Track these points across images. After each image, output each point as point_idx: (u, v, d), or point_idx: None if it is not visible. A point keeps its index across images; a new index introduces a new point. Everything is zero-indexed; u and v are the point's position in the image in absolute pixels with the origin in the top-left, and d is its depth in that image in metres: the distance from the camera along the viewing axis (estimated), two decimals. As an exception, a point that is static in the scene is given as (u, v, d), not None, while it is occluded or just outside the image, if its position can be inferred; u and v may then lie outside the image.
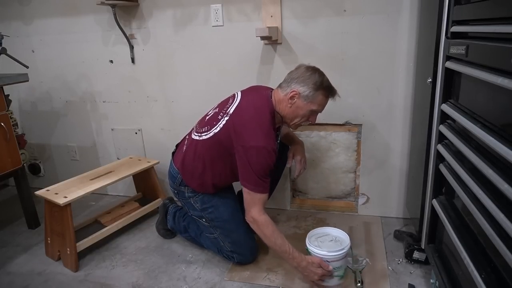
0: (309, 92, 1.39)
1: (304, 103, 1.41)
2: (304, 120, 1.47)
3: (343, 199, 2.01)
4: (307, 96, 1.39)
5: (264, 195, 1.41)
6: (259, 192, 1.39)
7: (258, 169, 1.36)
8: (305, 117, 1.45)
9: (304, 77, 1.40)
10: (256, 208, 1.40)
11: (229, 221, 1.56)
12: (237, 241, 1.56)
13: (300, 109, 1.42)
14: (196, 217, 1.62)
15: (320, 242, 1.49)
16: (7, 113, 1.84)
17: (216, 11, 1.85)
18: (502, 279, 0.81)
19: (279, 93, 1.46)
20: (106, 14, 2.03)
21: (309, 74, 1.40)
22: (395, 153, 1.83)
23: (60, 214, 1.62)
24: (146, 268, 1.63)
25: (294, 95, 1.40)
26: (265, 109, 1.42)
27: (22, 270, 1.67)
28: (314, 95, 1.40)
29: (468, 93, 1.02)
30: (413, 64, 1.66)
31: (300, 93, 1.40)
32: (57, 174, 2.48)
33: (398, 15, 1.63)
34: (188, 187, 1.56)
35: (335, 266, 1.40)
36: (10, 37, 2.02)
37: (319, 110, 1.46)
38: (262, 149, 1.34)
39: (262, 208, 1.41)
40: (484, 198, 0.82)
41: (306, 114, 1.44)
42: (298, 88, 1.40)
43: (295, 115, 1.44)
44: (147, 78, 2.10)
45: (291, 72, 1.46)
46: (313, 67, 1.44)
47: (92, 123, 2.32)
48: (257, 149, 1.35)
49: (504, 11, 0.76)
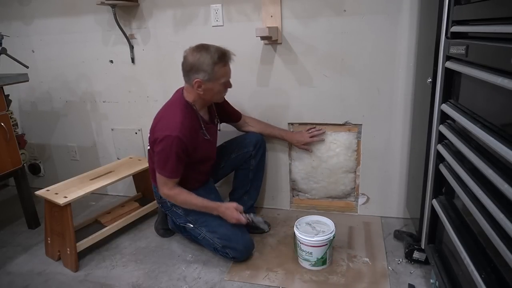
0: (208, 75, 1.46)
1: (211, 83, 1.48)
2: (222, 92, 1.56)
3: (343, 199, 2.01)
4: (209, 78, 1.46)
5: (170, 179, 1.52)
6: (167, 176, 1.51)
7: (164, 156, 1.48)
8: (222, 91, 1.55)
9: (196, 64, 1.45)
10: (166, 187, 1.54)
11: (213, 217, 1.59)
12: (225, 235, 1.57)
13: (211, 89, 1.50)
14: (182, 224, 1.67)
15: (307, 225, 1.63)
16: (7, 113, 1.84)
17: (216, 11, 1.85)
18: (502, 279, 0.81)
19: (188, 86, 1.54)
20: (106, 14, 2.03)
21: (197, 59, 1.45)
22: (395, 153, 1.83)
23: (60, 214, 1.62)
24: (146, 268, 1.63)
25: (199, 84, 1.48)
26: (177, 103, 1.55)
27: (22, 270, 1.67)
28: (213, 73, 1.46)
29: (468, 93, 1.03)
30: (413, 64, 1.66)
31: (202, 80, 1.47)
32: (57, 174, 2.48)
33: (398, 15, 1.63)
34: None
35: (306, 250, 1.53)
36: (10, 37, 2.02)
37: (228, 78, 1.54)
38: (169, 137, 1.45)
39: (172, 186, 1.54)
40: (484, 198, 0.82)
41: (220, 88, 1.53)
42: (198, 76, 1.46)
43: (212, 94, 1.53)
44: (147, 78, 2.10)
45: (183, 65, 1.51)
46: (195, 49, 1.47)
47: (92, 123, 2.32)
48: (165, 137, 1.46)
49: (504, 11, 0.76)
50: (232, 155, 1.81)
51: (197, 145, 1.56)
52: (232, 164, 1.82)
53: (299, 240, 1.54)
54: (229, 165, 1.83)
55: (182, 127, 1.46)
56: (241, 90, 1.95)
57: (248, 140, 1.79)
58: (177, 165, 1.50)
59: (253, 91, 1.94)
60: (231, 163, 1.82)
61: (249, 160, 1.78)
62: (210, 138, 1.64)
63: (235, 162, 1.81)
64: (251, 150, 1.77)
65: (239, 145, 1.80)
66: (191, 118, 1.54)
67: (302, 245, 1.53)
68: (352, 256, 1.62)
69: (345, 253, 1.64)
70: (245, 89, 1.94)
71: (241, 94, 1.95)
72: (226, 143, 1.86)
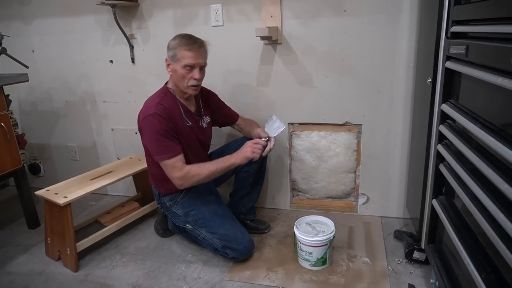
0: (172, 53, 1.50)
1: (175, 64, 1.51)
2: (188, 79, 1.52)
3: (343, 199, 2.01)
4: (172, 56, 1.51)
5: (173, 159, 1.48)
6: (167, 158, 1.47)
7: (152, 137, 1.47)
8: (186, 77, 1.52)
9: (168, 44, 1.53)
10: (175, 171, 1.49)
11: (213, 218, 1.59)
12: (225, 235, 1.57)
13: (176, 71, 1.52)
14: (182, 225, 1.66)
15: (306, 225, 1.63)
16: (7, 113, 1.84)
17: (216, 11, 1.85)
18: (502, 279, 0.81)
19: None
20: (106, 14, 2.03)
21: (171, 40, 1.53)
22: (395, 153, 1.83)
23: (60, 214, 1.62)
24: (146, 268, 1.63)
25: (167, 63, 1.54)
26: (157, 91, 1.60)
27: (22, 270, 1.67)
28: (176, 52, 1.49)
29: (468, 93, 1.03)
30: (413, 64, 1.66)
31: (168, 58, 1.52)
32: (57, 174, 2.48)
33: (398, 15, 1.63)
34: (165, 197, 1.65)
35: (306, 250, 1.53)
36: (10, 37, 2.02)
37: (192, 63, 1.50)
38: (147, 117, 1.47)
39: (180, 167, 1.49)
40: (484, 198, 0.82)
41: (183, 72, 1.51)
42: (168, 55, 1.53)
43: (178, 78, 1.53)
44: (147, 78, 2.10)
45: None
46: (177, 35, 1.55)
47: (92, 123, 2.32)
48: (143, 119, 1.48)
49: (504, 11, 0.76)
50: None
51: (179, 130, 1.54)
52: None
53: (299, 240, 1.54)
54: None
55: (157, 107, 1.48)
56: (241, 90, 1.95)
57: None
58: (168, 141, 1.48)
59: (253, 91, 1.94)
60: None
61: (249, 163, 1.75)
62: (192, 125, 1.61)
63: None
64: None
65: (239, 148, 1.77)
66: (169, 102, 1.55)
67: (302, 245, 1.53)
68: (352, 256, 1.62)
69: (345, 253, 1.64)
70: (245, 89, 1.94)
71: (241, 94, 1.95)
72: (225, 145, 1.86)
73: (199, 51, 1.51)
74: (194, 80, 1.52)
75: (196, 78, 1.52)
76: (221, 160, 1.55)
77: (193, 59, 1.50)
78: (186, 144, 1.58)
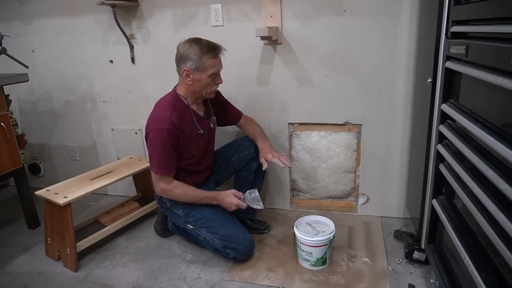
0: (196, 64, 1.47)
1: (199, 74, 1.49)
2: (212, 86, 1.55)
3: (343, 199, 2.01)
4: (197, 67, 1.48)
5: (166, 176, 1.53)
6: (162, 171, 1.52)
7: (157, 150, 1.49)
8: (210, 84, 1.53)
9: (185, 54, 1.48)
10: (162, 183, 1.54)
11: (213, 218, 1.59)
12: (226, 235, 1.57)
13: (200, 80, 1.51)
14: (182, 225, 1.67)
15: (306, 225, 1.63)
16: (7, 113, 1.84)
17: (216, 11, 1.85)
18: (502, 279, 0.81)
19: (180, 78, 1.57)
20: (106, 14, 2.03)
21: (187, 49, 1.48)
22: (395, 153, 1.83)
23: (60, 214, 1.62)
24: (146, 268, 1.63)
25: (187, 73, 1.50)
26: (167, 98, 1.57)
27: (22, 270, 1.67)
28: (201, 63, 1.48)
29: (468, 93, 1.02)
30: (413, 64, 1.66)
31: (190, 69, 1.49)
32: (57, 174, 2.48)
33: (398, 15, 1.63)
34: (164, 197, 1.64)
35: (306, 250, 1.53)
36: (10, 37, 2.02)
37: (217, 70, 1.53)
38: (159, 131, 1.47)
39: (168, 181, 1.55)
40: (484, 198, 0.82)
41: (209, 81, 1.52)
42: (186, 65, 1.49)
43: (201, 87, 1.53)
44: (147, 78, 2.10)
45: (175, 56, 1.54)
46: (187, 41, 1.51)
47: (92, 123, 2.32)
48: (155, 131, 1.48)
49: (504, 11, 0.76)
50: (233, 157, 1.79)
51: (190, 140, 1.56)
52: (233, 167, 1.81)
53: (299, 240, 1.54)
54: (230, 168, 1.82)
55: (170, 120, 1.48)
56: (241, 90, 1.95)
57: (249, 142, 1.78)
58: (170, 159, 1.51)
59: (253, 91, 1.94)
60: (232, 166, 1.81)
61: (250, 162, 1.76)
62: (204, 133, 1.63)
63: (236, 164, 1.79)
64: (252, 152, 1.75)
65: (240, 147, 1.78)
66: (181, 112, 1.55)
67: (302, 245, 1.53)
68: (352, 256, 1.62)
69: (345, 253, 1.64)
70: (245, 89, 1.94)
71: (241, 94, 1.95)
72: (226, 145, 1.86)
73: (220, 56, 1.53)
74: (216, 84, 1.56)
75: (219, 83, 1.56)
76: (206, 195, 1.58)
77: (219, 66, 1.53)
78: (196, 151, 1.61)
